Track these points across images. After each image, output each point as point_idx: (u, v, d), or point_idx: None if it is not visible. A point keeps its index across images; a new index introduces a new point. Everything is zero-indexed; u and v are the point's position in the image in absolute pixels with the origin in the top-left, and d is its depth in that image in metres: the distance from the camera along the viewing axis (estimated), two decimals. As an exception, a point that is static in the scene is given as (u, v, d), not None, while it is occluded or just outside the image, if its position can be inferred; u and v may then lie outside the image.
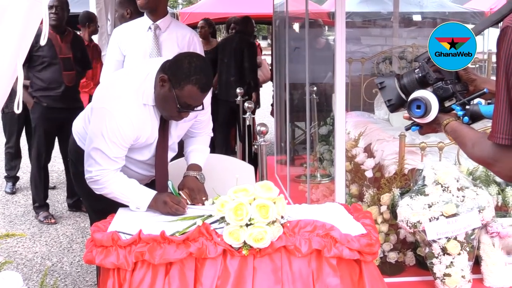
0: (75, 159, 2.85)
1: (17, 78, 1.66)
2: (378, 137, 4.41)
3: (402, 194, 3.08)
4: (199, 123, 2.88)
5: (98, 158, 2.54)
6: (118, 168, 2.59)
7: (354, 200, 3.52)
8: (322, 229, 2.17)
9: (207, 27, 7.10)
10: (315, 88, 5.23)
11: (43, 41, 1.71)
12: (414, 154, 3.62)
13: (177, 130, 2.76)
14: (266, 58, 9.56)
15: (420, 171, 3.06)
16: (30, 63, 4.96)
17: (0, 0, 1.51)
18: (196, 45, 3.74)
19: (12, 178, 6.29)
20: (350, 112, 5.53)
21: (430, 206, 2.90)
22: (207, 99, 2.71)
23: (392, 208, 3.11)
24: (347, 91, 5.19)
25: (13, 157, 6.22)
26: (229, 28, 7.27)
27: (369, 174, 3.66)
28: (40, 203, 5.31)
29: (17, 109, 1.69)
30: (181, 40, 3.70)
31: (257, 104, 8.14)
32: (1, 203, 5.87)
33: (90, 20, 6.11)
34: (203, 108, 2.61)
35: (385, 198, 3.19)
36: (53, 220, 5.24)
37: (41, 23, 1.64)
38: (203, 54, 3.71)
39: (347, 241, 2.15)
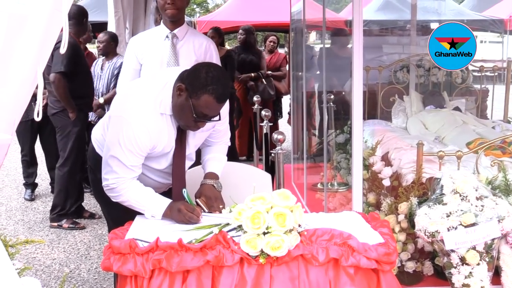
0: (94, 166, 2.86)
1: (37, 86, 1.68)
2: (395, 146, 4.39)
3: (420, 203, 3.06)
4: (217, 133, 2.89)
5: (114, 166, 2.55)
6: (135, 177, 2.60)
7: (372, 209, 3.50)
8: (340, 238, 2.15)
9: (216, 37, 7.14)
10: (332, 96, 5.22)
11: (62, 50, 1.72)
12: (432, 162, 3.59)
13: (194, 140, 2.77)
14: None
15: (438, 180, 3.03)
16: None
17: (21, 9, 1.53)
18: (212, 53, 3.75)
19: (30, 185, 6.36)
20: (367, 120, 5.50)
21: (448, 216, 2.87)
22: (225, 109, 2.71)
23: (410, 217, 3.09)
24: (364, 99, 5.18)
25: (29, 164, 6.31)
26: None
27: (386, 182, 3.64)
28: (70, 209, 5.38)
29: (37, 117, 1.70)
30: (197, 48, 3.71)
31: (278, 113, 8.19)
32: (21, 210, 5.92)
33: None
34: (219, 119, 2.61)
35: (403, 207, 3.17)
36: (82, 225, 5.34)
37: (61, 30, 1.66)
38: (219, 62, 3.73)
39: (364, 250, 2.13)
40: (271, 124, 5.47)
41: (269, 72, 7.88)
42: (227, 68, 6.58)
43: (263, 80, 7.60)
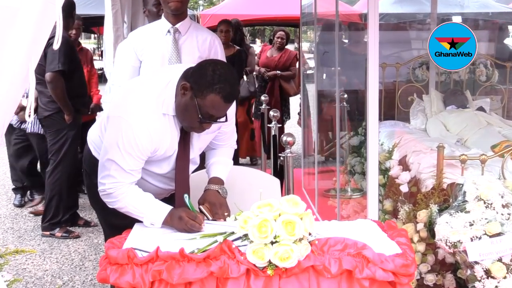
0: (89, 170, 2.87)
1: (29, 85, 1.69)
2: (414, 149, 4.38)
3: (440, 211, 3.05)
4: (222, 135, 2.89)
5: (112, 170, 2.56)
6: (134, 182, 2.61)
7: (388, 217, 3.50)
8: (353, 248, 2.15)
9: (231, 32, 7.04)
10: (345, 96, 5.22)
11: (56, 45, 1.73)
12: (453, 167, 3.58)
13: (198, 142, 2.77)
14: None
15: (461, 186, 3.03)
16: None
17: (12, 1, 1.53)
18: (217, 48, 3.76)
19: (19, 189, 6.38)
20: (384, 121, 5.50)
21: (471, 224, 2.86)
22: (232, 110, 2.72)
23: (430, 226, 3.08)
24: (381, 99, 5.18)
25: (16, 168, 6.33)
26: None
27: (404, 188, 3.63)
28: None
29: (28, 117, 1.72)
30: (201, 44, 3.72)
31: (286, 115, 8.18)
32: (10, 217, 5.95)
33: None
34: (226, 120, 2.61)
35: (422, 215, 3.16)
36: (76, 233, 5.36)
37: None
38: (224, 58, 3.73)
39: (380, 261, 2.13)
40: (279, 125, 5.48)
41: (278, 72, 7.85)
42: (235, 67, 6.57)
43: (244, 76, 7.56)
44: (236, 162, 3.19)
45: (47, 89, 5.14)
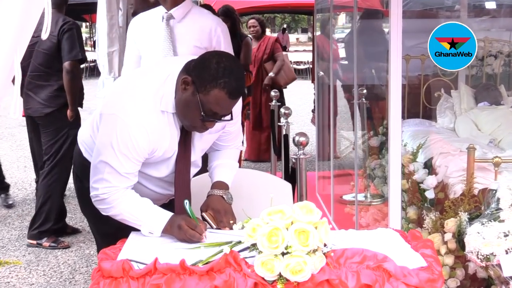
0: (80, 173, 2.89)
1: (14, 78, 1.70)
2: (441, 150, 4.37)
3: (471, 220, 3.05)
4: (227, 135, 2.90)
5: (106, 174, 2.57)
6: (130, 186, 2.62)
7: (412, 226, 3.50)
8: (373, 260, 2.15)
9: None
10: (365, 91, 5.22)
11: (44, 35, 1.74)
12: (486, 171, 3.58)
13: (201, 143, 2.77)
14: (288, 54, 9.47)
15: (494, 191, 3.02)
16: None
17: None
18: (220, 38, 3.71)
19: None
20: (407, 119, 5.50)
21: (506, 235, 2.85)
22: (237, 108, 2.72)
23: (459, 237, 3.08)
24: (404, 95, 5.16)
25: None
26: None
27: (430, 194, 3.63)
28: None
29: (14, 114, 1.73)
30: (200, 32, 3.67)
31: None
32: (-8, 225, 5.98)
33: None
34: (231, 118, 2.62)
35: (450, 224, 3.16)
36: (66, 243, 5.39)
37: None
38: (231, 50, 3.71)
39: (403, 275, 2.13)
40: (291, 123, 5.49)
41: (271, 73, 7.78)
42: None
43: None
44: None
45: (51, 82, 5.20)
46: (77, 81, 5.15)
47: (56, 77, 5.25)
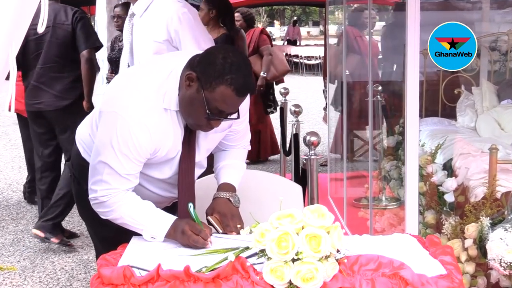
0: (78, 175, 2.89)
1: (9, 74, 1.71)
2: (461, 151, 4.37)
3: (493, 225, 3.04)
4: (234, 134, 2.90)
5: (105, 175, 2.57)
6: (130, 188, 2.62)
7: (430, 231, 3.49)
8: (389, 268, 2.15)
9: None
10: (380, 88, 5.21)
11: (40, 29, 1.75)
12: (509, 173, 3.57)
13: (206, 143, 2.77)
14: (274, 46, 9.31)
15: (517, 195, 3.02)
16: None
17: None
18: (177, 26, 3.60)
19: None
20: (425, 118, 5.49)
21: (530, 241, 2.85)
22: (245, 105, 2.72)
23: (480, 243, 3.07)
24: (421, 92, 5.15)
25: None
26: None
27: (449, 198, 3.63)
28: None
29: (9, 111, 1.74)
30: (156, 26, 3.64)
31: (271, 105, 8.13)
32: (-15, 229, 6.00)
33: None
34: (238, 117, 2.62)
35: (471, 229, 3.15)
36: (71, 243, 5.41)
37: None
38: (200, 37, 3.65)
39: (421, 283, 2.13)
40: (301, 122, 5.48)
41: (263, 73, 7.68)
42: None
43: None
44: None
45: (66, 73, 5.25)
46: (95, 69, 5.18)
47: (70, 68, 5.29)
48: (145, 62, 3.50)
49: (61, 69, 5.21)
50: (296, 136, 5.22)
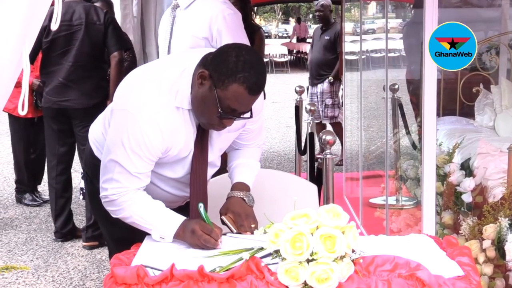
0: (91, 173, 2.90)
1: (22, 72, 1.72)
2: (479, 150, 4.35)
3: None
4: (248, 133, 2.89)
5: (116, 173, 2.57)
6: (141, 187, 2.62)
7: (447, 232, 3.48)
8: (405, 268, 2.15)
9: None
10: (396, 86, 5.20)
11: (54, 26, 1.76)
12: (528, 172, 3.55)
13: (219, 142, 2.77)
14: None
15: (536, 195, 3.00)
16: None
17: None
18: (221, 27, 3.61)
19: None
20: (443, 117, 5.47)
21: (549, 242, 2.84)
22: (258, 104, 2.71)
23: (499, 244, 3.06)
24: (439, 90, 5.14)
25: None
26: None
27: (467, 198, 3.61)
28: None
29: (22, 110, 1.74)
30: (199, 21, 3.62)
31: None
32: (-1, 228, 6.04)
33: None
34: (251, 116, 2.62)
35: (489, 230, 3.14)
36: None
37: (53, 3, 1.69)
38: (239, 40, 3.64)
39: (438, 285, 2.12)
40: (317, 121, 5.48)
41: None
42: None
43: None
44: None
45: (94, 73, 5.31)
46: (124, 71, 5.22)
47: (99, 67, 5.36)
48: (159, 60, 3.50)
49: (91, 68, 5.25)
50: (311, 135, 5.21)
